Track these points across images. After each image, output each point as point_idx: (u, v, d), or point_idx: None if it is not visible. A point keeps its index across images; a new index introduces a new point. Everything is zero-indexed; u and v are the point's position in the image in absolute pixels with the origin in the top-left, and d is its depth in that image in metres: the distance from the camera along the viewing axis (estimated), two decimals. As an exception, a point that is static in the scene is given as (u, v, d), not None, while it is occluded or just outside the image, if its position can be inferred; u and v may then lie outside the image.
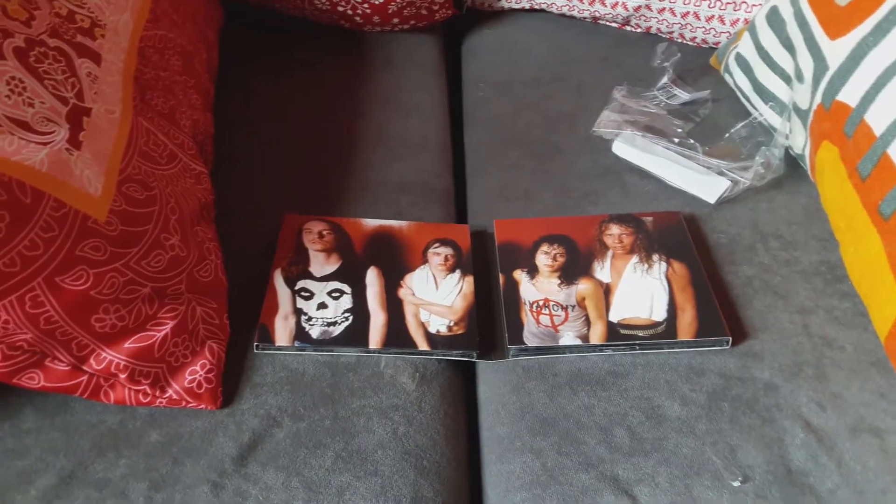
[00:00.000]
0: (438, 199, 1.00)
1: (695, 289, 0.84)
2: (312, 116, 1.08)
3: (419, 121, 1.11)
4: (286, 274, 0.84)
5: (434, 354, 0.79)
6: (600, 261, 0.88)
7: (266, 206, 0.93)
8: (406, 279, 0.85)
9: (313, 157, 1.01)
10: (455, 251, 0.89)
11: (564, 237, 0.90)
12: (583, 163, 1.03)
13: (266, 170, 0.98)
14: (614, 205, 0.97)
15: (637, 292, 0.84)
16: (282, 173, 0.98)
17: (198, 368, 0.72)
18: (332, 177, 0.99)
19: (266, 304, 0.81)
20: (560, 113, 1.13)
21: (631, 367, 0.79)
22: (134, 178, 0.71)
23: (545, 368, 0.79)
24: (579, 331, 0.81)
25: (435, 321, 0.81)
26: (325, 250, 0.87)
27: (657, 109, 1.10)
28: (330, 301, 0.82)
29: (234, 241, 0.87)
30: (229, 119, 1.04)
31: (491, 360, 0.81)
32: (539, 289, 0.85)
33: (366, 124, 1.08)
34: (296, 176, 0.98)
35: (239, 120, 1.05)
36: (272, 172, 0.98)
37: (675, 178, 0.99)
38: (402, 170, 1.01)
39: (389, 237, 0.89)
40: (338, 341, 0.78)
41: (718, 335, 0.80)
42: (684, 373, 0.78)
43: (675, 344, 0.80)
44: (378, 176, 1.00)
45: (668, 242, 0.89)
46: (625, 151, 1.03)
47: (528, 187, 1.00)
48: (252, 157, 1.00)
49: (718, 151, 1.01)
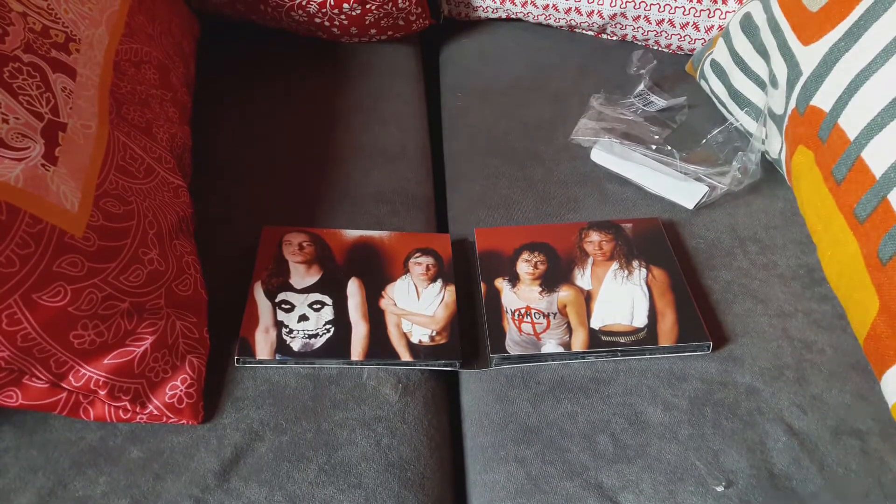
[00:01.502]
0: (418, 207, 0.99)
1: (675, 294, 0.84)
2: (290, 127, 1.07)
3: (398, 129, 1.11)
4: (266, 286, 0.83)
5: (417, 365, 0.79)
6: (581, 268, 0.88)
7: (245, 218, 0.92)
8: (387, 289, 0.85)
9: (292, 167, 1.01)
10: (436, 260, 0.89)
11: (545, 245, 0.90)
12: (562, 170, 1.04)
13: (245, 181, 0.98)
14: (594, 212, 0.97)
15: (618, 299, 0.84)
16: (260, 184, 0.97)
17: (178, 383, 0.72)
18: (310, 187, 0.98)
19: (246, 317, 0.80)
20: (538, 121, 1.13)
21: (613, 374, 0.79)
22: (111, 192, 0.71)
23: (528, 377, 0.79)
24: (561, 338, 0.81)
25: (417, 331, 0.81)
26: (305, 262, 0.86)
27: (634, 116, 1.10)
28: (311, 313, 0.81)
29: (213, 253, 0.86)
30: (207, 131, 1.03)
31: (474, 368, 0.81)
32: (521, 297, 0.85)
33: (344, 134, 1.07)
34: (275, 187, 0.97)
35: (217, 132, 1.05)
36: (251, 184, 0.97)
37: (653, 185, 0.99)
38: (381, 179, 1.01)
39: (370, 247, 0.89)
40: (319, 353, 0.78)
41: (699, 340, 0.80)
42: (666, 378, 0.78)
43: (657, 350, 0.80)
44: (357, 185, 0.99)
45: (647, 248, 0.90)
46: (603, 158, 1.03)
47: (508, 194, 1.00)
48: (231, 168, 0.99)
49: (696, 157, 1.02)
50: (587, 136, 1.07)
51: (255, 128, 1.07)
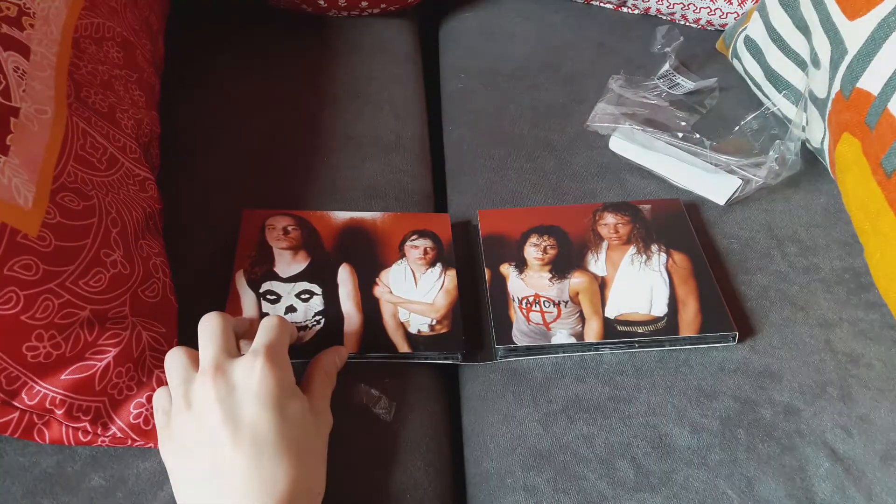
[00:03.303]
0: (415, 203, 1.00)
1: (697, 281, 0.85)
2: (271, 112, 1.07)
3: (392, 115, 1.11)
4: (249, 276, 0.84)
5: (416, 357, 0.80)
6: (594, 253, 0.89)
7: (222, 209, 0.92)
8: (382, 276, 0.86)
9: (273, 157, 1.01)
10: (435, 243, 0.90)
11: (555, 228, 0.91)
12: (576, 161, 1.04)
13: (220, 171, 0.98)
14: (613, 208, 0.97)
15: (635, 286, 0.85)
16: (238, 175, 0.97)
17: (144, 401, 0.71)
18: (294, 179, 0.98)
19: (228, 310, 0.81)
20: (550, 106, 1.13)
21: (634, 391, 0.79)
22: (69, 186, 0.70)
23: (538, 395, 0.79)
24: (573, 328, 0.82)
25: (415, 320, 0.82)
26: (291, 248, 0.87)
27: (658, 100, 1.10)
28: (299, 304, 0.82)
29: (187, 245, 0.87)
30: (178, 115, 1.03)
31: (478, 361, 0.82)
32: (528, 284, 0.86)
33: (331, 120, 1.07)
34: (253, 179, 0.97)
35: (187, 117, 1.04)
36: (227, 174, 0.97)
37: (679, 177, 0.99)
38: (373, 171, 1.01)
39: (362, 231, 0.90)
40: (309, 348, 0.78)
41: (724, 330, 0.81)
42: (694, 396, 0.78)
43: (678, 340, 0.81)
44: (346, 178, 0.99)
45: (667, 232, 0.91)
46: (623, 148, 1.03)
47: (515, 188, 1.00)
48: (204, 158, 0.99)
49: (727, 146, 1.01)
50: (605, 122, 1.07)
51: (230, 112, 1.07)
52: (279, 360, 0.66)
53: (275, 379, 0.64)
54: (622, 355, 0.81)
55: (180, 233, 0.88)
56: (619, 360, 0.81)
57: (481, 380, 0.82)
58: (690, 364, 0.81)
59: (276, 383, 0.63)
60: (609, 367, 0.81)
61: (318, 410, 0.69)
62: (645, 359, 0.81)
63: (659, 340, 0.81)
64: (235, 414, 0.62)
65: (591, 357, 0.82)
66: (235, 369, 0.64)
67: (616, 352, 0.81)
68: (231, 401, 0.62)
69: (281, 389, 0.64)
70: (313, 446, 0.66)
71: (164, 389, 0.70)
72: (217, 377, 0.63)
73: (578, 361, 0.81)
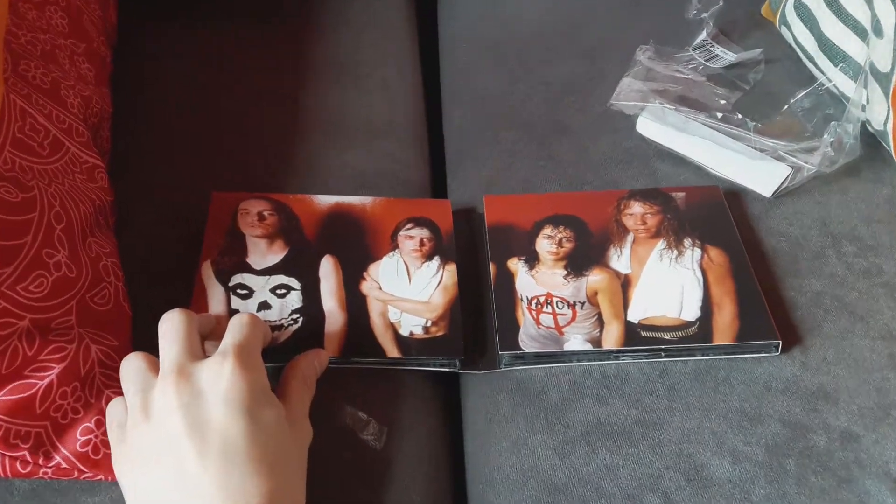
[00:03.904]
0: (411, 195, 1.00)
1: (736, 281, 0.85)
2: (243, 91, 1.07)
3: (384, 96, 1.11)
4: (217, 267, 0.84)
5: (407, 363, 0.80)
6: (617, 247, 0.89)
7: (186, 197, 0.93)
8: (371, 269, 0.86)
9: (246, 145, 1.01)
10: (433, 233, 0.90)
11: (573, 218, 0.92)
12: (598, 146, 1.03)
13: (184, 157, 0.98)
14: (640, 200, 0.98)
15: (663, 285, 0.85)
16: (204, 162, 0.98)
17: (93, 426, 0.71)
18: (271, 169, 0.98)
19: (193, 306, 0.81)
20: (567, 82, 1.13)
21: (665, 414, 0.78)
22: (6, 175, 0.70)
23: (553, 418, 0.79)
24: (590, 333, 0.82)
25: (408, 321, 0.82)
26: (266, 236, 0.88)
27: (694, 75, 1.10)
28: (274, 300, 0.83)
29: (144, 241, 0.87)
30: (133, 91, 1.03)
31: (479, 370, 0.82)
32: (540, 281, 0.86)
33: (313, 101, 1.07)
34: (221, 167, 0.97)
35: (146, 93, 1.05)
36: (191, 160, 0.98)
37: (718, 165, 0.99)
38: (362, 160, 1.01)
39: (349, 218, 0.91)
40: (285, 351, 0.78)
41: (765, 337, 0.81)
42: (735, 420, 0.78)
43: (711, 349, 0.81)
44: (331, 167, 0.99)
45: (703, 224, 0.91)
46: (652, 130, 1.03)
47: (527, 179, 1.00)
48: (164, 141, 0.99)
49: (775, 128, 1.01)
50: (632, 100, 1.07)
51: (196, 91, 1.06)
52: (251, 362, 0.66)
53: (246, 382, 0.64)
54: (651, 372, 0.81)
55: (136, 227, 0.88)
56: (648, 377, 0.81)
57: (486, 398, 0.82)
58: (731, 382, 0.80)
59: (247, 387, 0.63)
60: (636, 386, 0.80)
61: (295, 419, 0.69)
62: (678, 376, 0.81)
63: (689, 349, 0.81)
64: (201, 422, 0.62)
65: (615, 374, 0.81)
66: (201, 372, 0.64)
67: (639, 361, 0.81)
68: (196, 407, 0.62)
69: (253, 394, 0.64)
70: (291, 458, 0.66)
71: (119, 400, 0.69)
72: (180, 381, 0.63)
73: (600, 380, 0.81)
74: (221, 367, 0.64)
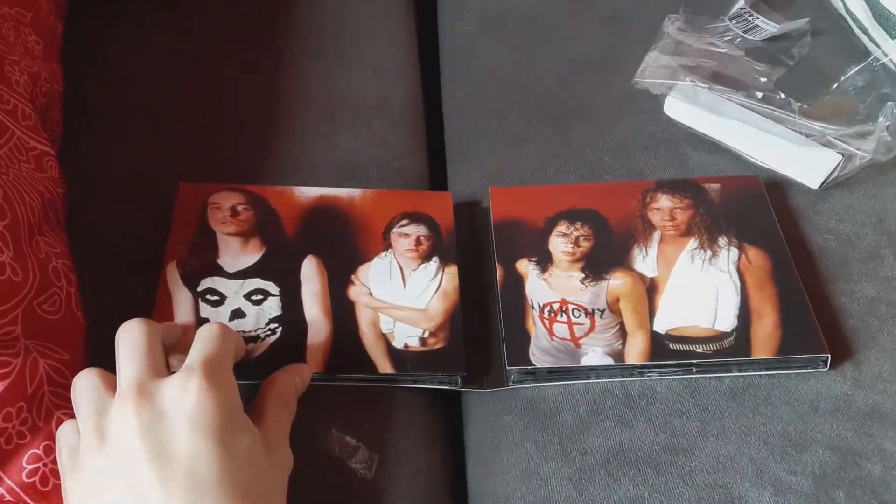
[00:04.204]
0: (405, 186, 1.00)
1: (778, 286, 0.85)
2: (214, 67, 1.08)
3: (375, 73, 1.11)
4: (184, 269, 0.84)
5: (401, 380, 0.80)
6: (643, 246, 0.89)
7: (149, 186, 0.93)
8: (360, 272, 0.86)
9: (218, 129, 1.01)
10: (431, 231, 0.90)
11: (591, 212, 0.92)
12: (620, 130, 1.04)
13: (147, 142, 0.98)
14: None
15: (695, 291, 0.85)
16: (170, 147, 0.98)
17: (41, 453, 0.70)
18: (246, 158, 0.98)
19: (156, 314, 0.81)
20: (585, 57, 1.13)
21: (698, 439, 0.78)
22: (-61, 164, 0.70)
23: (569, 443, 0.78)
24: (610, 345, 0.82)
25: (402, 331, 0.82)
26: (240, 233, 0.88)
27: (730, 48, 1.09)
28: (249, 307, 0.83)
29: (100, 239, 0.87)
30: (88, 68, 1.02)
31: (483, 388, 0.82)
32: (554, 286, 0.86)
33: (294, 79, 1.07)
34: (191, 156, 0.97)
35: (104, 69, 1.04)
36: (156, 145, 0.98)
37: (757, 152, 0.99)
38: (349, 144, 1.01)
39: (335, 212, 0.91)
40: (261, 366, 0.77)
41: (811, 351, 0.81)
42: (778, 445, 0.77)
43: (749, 364, 0.81)
44: (312, 153, 1.00)
45: (740, 219, 0.91)
46: (682, 112, 1.03)
47: (538, 168, 1.00)
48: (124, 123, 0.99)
49: (823, 110, 1.01)
50: (659, 78, 1.06)
51: (161, 68, 1.06)
52: (221, 378, 0.65)
53: (215, 402, 0.63)
54: (681, 390, 0.81)
55: (91, 224, 0.88)
56: (678, 396, 0.81)
57: (492, 420, 0.81)
58: (773, 402, 0.80)
59: (217, 408, 0.63)
60: (664, 406, 0.80)
61: (273, 445, 0.68)
62: (712, 395, 0.81)
63: (724, 364, 0.81)
64: (165, 447, 0.61)
65: (640, 392, 0.81)
66: (164, 391, 0.63)
67: (667, 378, 0.81)
68: (159, 431, 0.61)
69: (224, 416, 0.63)
70: (267, 490, 0.65)
71: (70, 423, 0.68)
72: (140, 401, 0.62)
73: (622, 399, 0.81)
74: (187, 384, 0.63)
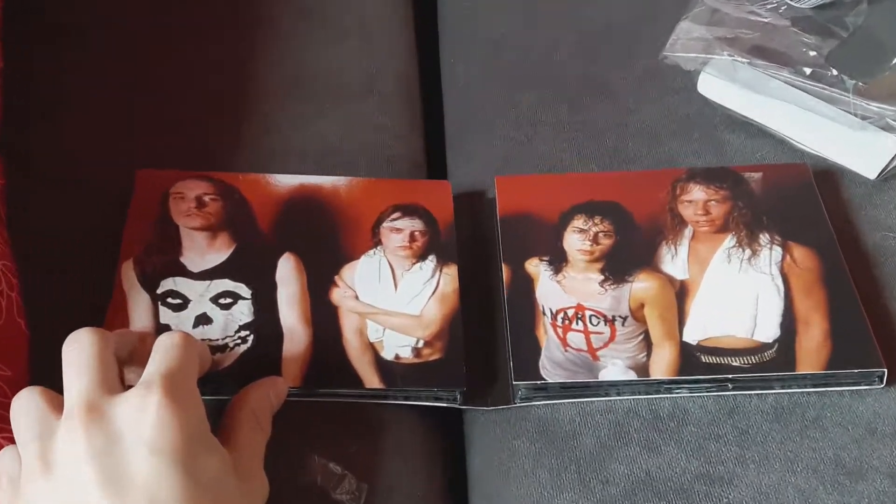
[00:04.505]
0: (399, 175, 1.01)
1: (828, 290, 0.85)
2: (179, 39, 1.08)
3: (363, 47, 1.12)
4: (142, 268, 0.84)
5: (391, 396, 0.80)
6: (672, 244, 0.89)
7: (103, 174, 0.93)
8: (344, 272, 0.87)
9: (182, 108, 1.01)
10: (427, 225, 0.90)
11: (613, 205, 0.92)
12: (647, 111, 1.04)
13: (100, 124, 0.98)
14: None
15: (732, 296, 0.85)
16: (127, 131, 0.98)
17: (-24, 483, 0.70)
18: (215, 142, 0.98)
19: (109, 320, 0.80)
20: (606, 27, 1.14)
21: (737, 466, 0.77)
22: None
23: (588, 471, 0.78)
24: (633, 358, 0.81)
25: (393, 341, 0.82)
26: (207, 228, 0.88)
27: (774, 17, 1.08)
28: (216, 312, 0.82)
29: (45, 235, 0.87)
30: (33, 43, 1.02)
31: (487, 406, 0.82)
32: (569, 289, 0.86)
33: (270, 53, 1.08)
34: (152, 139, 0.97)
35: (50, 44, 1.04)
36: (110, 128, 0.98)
37: (805, 136, 1.00)
38: (333, 128, 1.02)
39: (317, 204, 0.91)
40: (230, 379, 0.77)
41: (864, 365, 0.80)
42: (829, 474, 0.77)
43: (794, 380, 0.81)
44: (292, 138, 1.00)
45: (785, 214, 0.91)
46: (719, 91, 1.03)
47: (552, 155, 1.01)
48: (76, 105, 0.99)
49: (881, 89, 1.00)
50: (692, 52, 1.05)
51: (116, 42, 1.07)
52: (184, 395, 0.64)
53: (178, 422, 0.62)
54: (717, 410, 0.80)
55: (36, 219, 0.87)
56: (713, 418, 0.80)
57: (499, 444, 0.81)
58: (823, 424, 0.79)
59: (179, 429, 0.62)
60: (697, 428, 0.79)
61: (245, 471, 0.68)
62: (752, 416, 0.80)
63: (765, 379, 0.80)
64: (120, 473, 0.60)
65: (669, 413, 0.80)
66: (118, 410, 0.62)
67: (699, 395, 0.80)
68: (113, 456, 0.60)
69: (187, 438, 0.62)
70: None
71: (10, 449, 0.68)
72: (91, 423, 0.61)
73: (650, 420, 0.80)
74: (145, 402, 0.62)
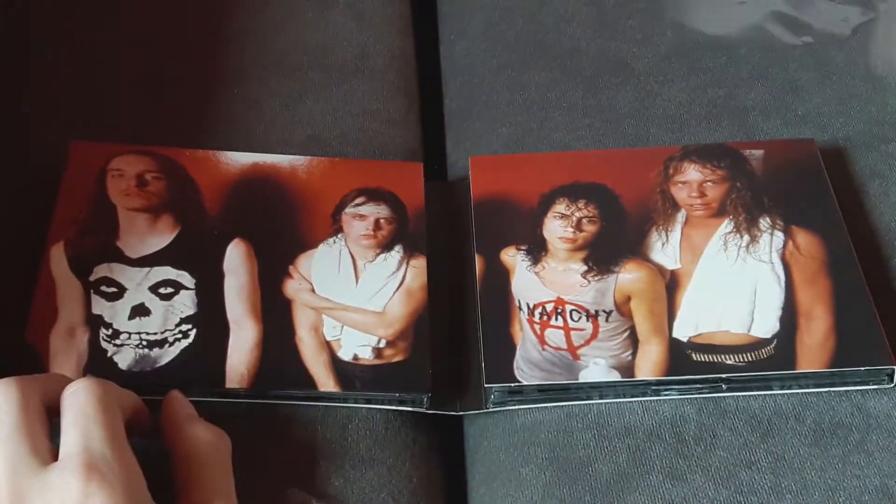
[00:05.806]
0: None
1: (834, 281, 0.84)
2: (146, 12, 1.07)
3: (353, 19, 1.11)
4: (74, 252, 0.83)
5: (349, 399, 0.79)
6: (663, 229, 0.88)
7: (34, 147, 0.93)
8: (300, 262, 0.86)
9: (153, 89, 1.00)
10: (394, 212, 0.90)
11: (598, 187, 0.91)
12: (673, 92, 1.03)
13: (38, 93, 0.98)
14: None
15: (727, 287, 0.84)
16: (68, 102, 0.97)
17: None
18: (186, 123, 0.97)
19: (36, 307, 0.79)
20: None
21: (771, 497, 0.76)
22: None
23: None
24: (617, 357, 0.81)
25: (351, 339, 0.81)
26: (148, 208, 0.87)
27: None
28: (156, 302, 0.81)
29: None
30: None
31: (456, 411, 0.81)
32: (548, 281, 0.85)
33: (248, 25, 1.07)
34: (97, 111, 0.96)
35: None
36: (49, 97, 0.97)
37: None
38: (320, 111, 1.01)
39: (272, 185, 0.91)
40: (168, 378, 0.77)
41: (871, 362, 0.79)
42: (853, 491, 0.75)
43: (794, 380, 0.80)
44: (273, 121, 0.99)
45: (789, 195, 0.90)
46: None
47: (563, 141, 0.99)
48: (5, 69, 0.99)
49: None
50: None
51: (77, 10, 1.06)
52: (108, 468, 0.59)
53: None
54: (749, 434, 0.78)
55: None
56: (745, 442, 0.77)
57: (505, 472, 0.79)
58: (868, 448, 0.77)
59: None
60: (727, 454, 0.77)
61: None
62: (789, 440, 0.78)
63: (763, 379, 0.79)
64: None
65: (696, 437, 0.78)
66: (43, 496, 0.58)
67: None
68: None
69: None
70: None
71: None
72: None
73: (673, 445, 0.78)
74: (67, 489, 0.57)
